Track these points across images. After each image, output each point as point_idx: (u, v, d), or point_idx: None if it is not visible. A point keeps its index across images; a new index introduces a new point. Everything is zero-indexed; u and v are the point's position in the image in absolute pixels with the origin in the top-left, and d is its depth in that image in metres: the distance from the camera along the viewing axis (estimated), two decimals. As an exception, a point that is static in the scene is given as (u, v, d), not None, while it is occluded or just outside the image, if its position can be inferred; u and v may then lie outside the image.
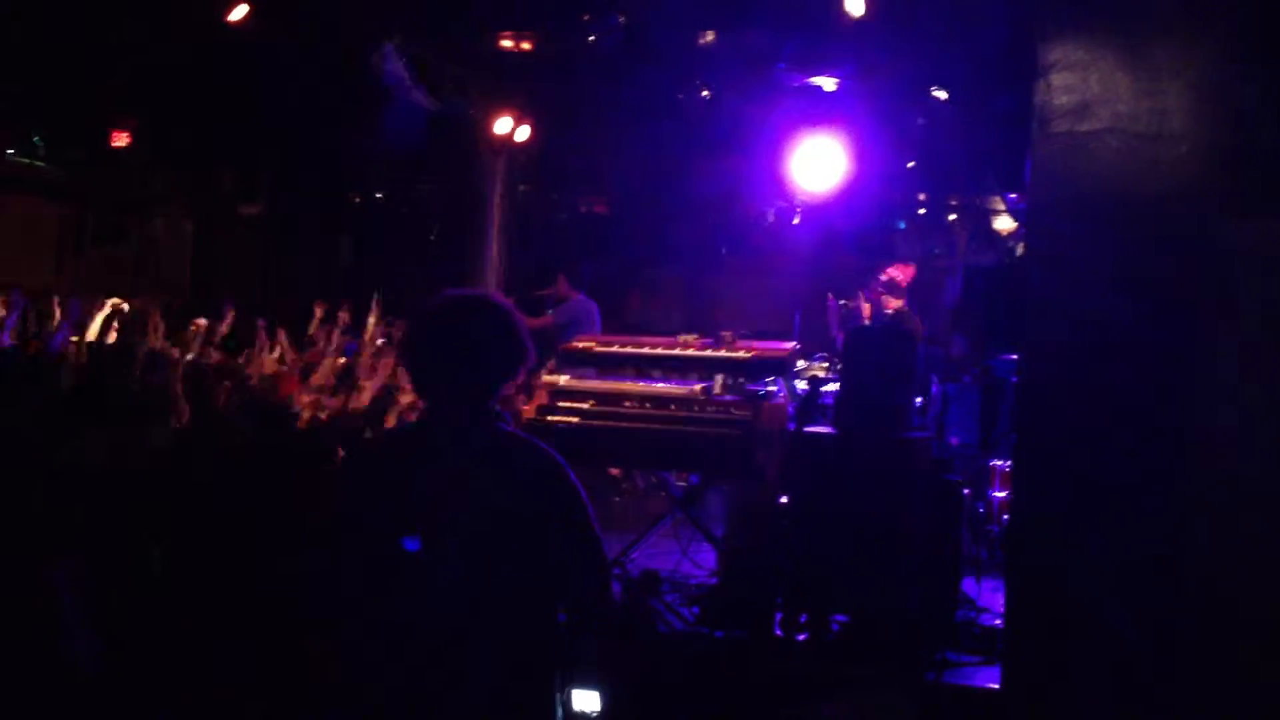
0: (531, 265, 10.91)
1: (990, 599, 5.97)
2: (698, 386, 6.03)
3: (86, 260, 12.90)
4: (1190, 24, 3.28)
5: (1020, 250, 11.15)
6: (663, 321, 10.26)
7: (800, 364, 7.49)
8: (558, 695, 3.13)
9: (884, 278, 8.11)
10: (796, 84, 8.79)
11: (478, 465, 3.01)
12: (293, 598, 4.31)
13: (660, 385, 6.11)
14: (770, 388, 6.13)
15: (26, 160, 11.99)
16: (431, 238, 13.61)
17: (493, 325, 3.09)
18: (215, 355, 7.49)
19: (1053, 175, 3.76)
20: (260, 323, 8.17)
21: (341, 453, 5.22)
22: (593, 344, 6.54)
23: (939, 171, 11.03)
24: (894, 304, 8.11)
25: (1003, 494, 7.02)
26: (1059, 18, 3.47)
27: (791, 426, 6.01)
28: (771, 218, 11.72)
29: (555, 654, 3.10)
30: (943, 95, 8.98)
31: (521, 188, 12.20)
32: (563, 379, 6.37)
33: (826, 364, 8.06)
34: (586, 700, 3.14)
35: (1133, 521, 3.38)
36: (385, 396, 6.10)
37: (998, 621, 5.54)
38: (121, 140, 11.89)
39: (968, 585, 5.96)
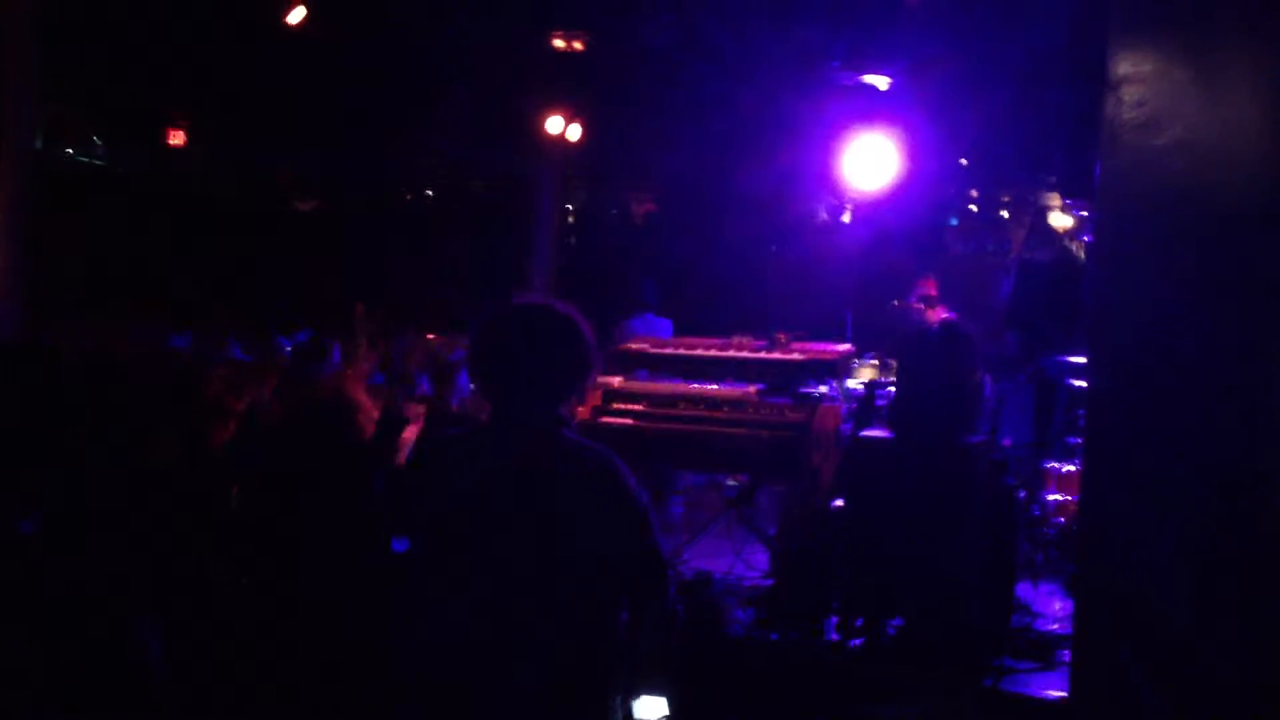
0: (584, 264, 10.94)
1: (1045, 603, 5.92)
2: (752, 389, 6.03)
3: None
4: (1259, 28, 3.20)
5: (1076, 248, 11.04)
6: (714, 320, 10.24)
7: (854, 364, 7.45)
8: (616, 699, 3.15)
9: (920, 291, 8.08)
10: (849, 82, 8.76)
11: (541, 470, 3.05)
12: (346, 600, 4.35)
13: (714, 387, 6.12)
14: (823, 389, 6.11)
15: (86, 159, 12.20)
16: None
17: (559, 334, 3.13)
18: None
19: (1121, 191, 3.70)
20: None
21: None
22: (646, 346, 6.56)
23: (992, 168, 10.94)
24: (932, 314, 8.07)
25: (1058, 497, 6.95)
26: (1129, 30, 3.42)
27: (846, 428, 6.00)
28: (823, 215, 11.68)
29: (613, 658, 3.12)
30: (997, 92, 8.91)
31: (572, 182, 12.25)
32: (616, 381, 6.40)
33: (877, 362, 8.03)
34: (653, 707, 3.15)
35: (1205, 535, 3.32)
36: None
37: (1054, 626, 5.51)
38: (178, 138, 12.08)
39: (1023, 589, 5.92)
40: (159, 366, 6.75)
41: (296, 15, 7.87)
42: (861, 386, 7.42)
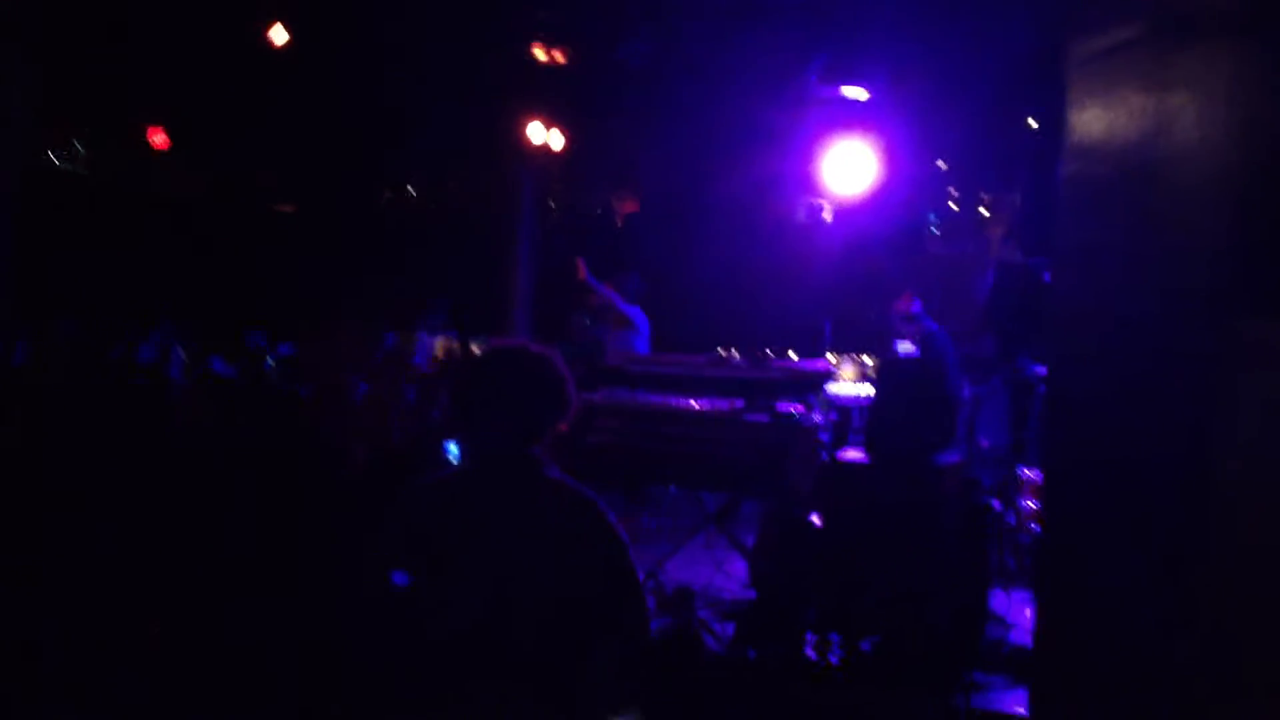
0: (565, 266, 10.99)
1: (1018, 614, 6.07)
2: (732, 406, 6.14)
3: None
4: (1202, 51, 3.18)
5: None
6: (693, 323, 10.31)
7: (833, 379, 7.56)
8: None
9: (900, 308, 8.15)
10: (827, 95, 8.85)
11: (521, 513, 3.16)
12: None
13: (695, 404, 6.22)
14: (802, 407, 6.22)
15: (69, 167, 12.20)
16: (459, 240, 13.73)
17: (538, 378, 3.25)
18: None
19: (1067, 221, 3.74)
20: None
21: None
22: (628, 362, 6.65)
23: (970, 170, 11.03)
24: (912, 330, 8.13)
25: (1032, 504, 7.09)
26: (1084, 50, 3.42)
27: (824, 440, 6.12)
28: (802, 215, 11.74)
29: (592, 688, 3.24)
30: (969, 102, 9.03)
31: (553, 186, 12.35)
32: (598, 397, 6.49)
33: (855, 372, 8.14)
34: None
35: (1168, 538, 3.28)
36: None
37: (1028, 637, 5.65)
38: (159, 138, 12.08)
39: (997, 598, 6.06)
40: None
41: (279, 35, 7.92)
42: (841, 395, 7.56)
